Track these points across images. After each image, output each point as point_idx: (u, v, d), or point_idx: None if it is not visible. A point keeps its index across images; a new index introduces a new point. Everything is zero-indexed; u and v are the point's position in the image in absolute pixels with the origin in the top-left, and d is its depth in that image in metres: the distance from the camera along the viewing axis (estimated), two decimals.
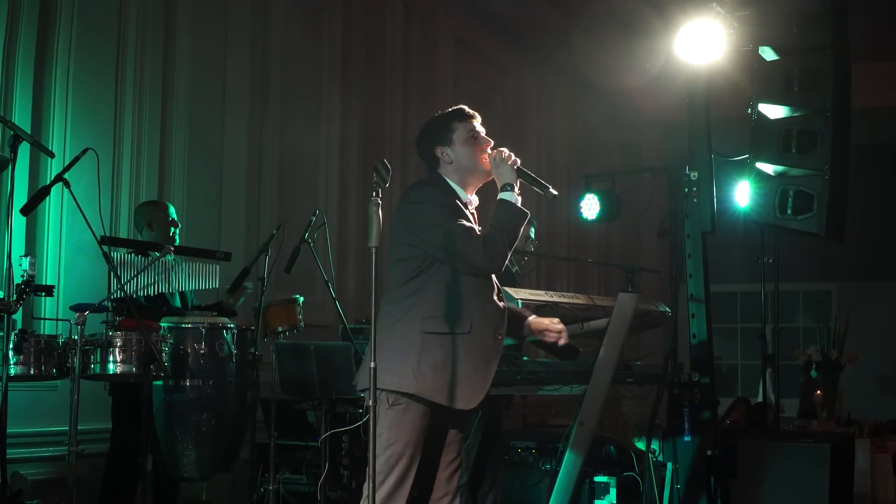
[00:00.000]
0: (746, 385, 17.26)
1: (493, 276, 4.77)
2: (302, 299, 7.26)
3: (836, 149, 6.86)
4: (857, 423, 11.30)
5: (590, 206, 8.64)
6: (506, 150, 4.80)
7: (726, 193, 7.94)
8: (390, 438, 4.57)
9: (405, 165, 10.83)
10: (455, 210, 4.69)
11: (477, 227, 4.79)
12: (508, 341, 5.01)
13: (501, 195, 4.74)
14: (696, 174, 7.21)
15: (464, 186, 4.85)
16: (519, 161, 4.80)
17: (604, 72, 13.53)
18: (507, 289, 5.55)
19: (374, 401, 4.38)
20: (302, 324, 7.21)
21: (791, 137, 6.93)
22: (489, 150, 4.84)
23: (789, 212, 6.98)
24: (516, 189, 4.74)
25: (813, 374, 12.14)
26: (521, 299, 5.66)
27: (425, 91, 11.38)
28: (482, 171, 4.87)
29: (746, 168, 7.26)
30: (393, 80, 10.94)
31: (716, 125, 7.39)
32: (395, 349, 4.55)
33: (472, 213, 4.88)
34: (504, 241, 4.61)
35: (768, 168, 7.11)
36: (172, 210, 7.12)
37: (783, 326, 11.67)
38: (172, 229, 6.99)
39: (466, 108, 4.92)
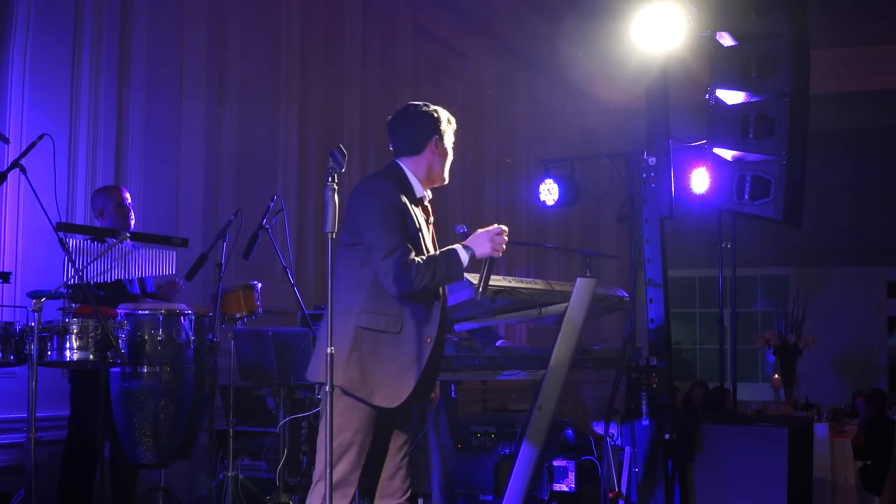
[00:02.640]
0: (704, 369, 17.37)
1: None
2: (260, 285, 7.24)
3: (794, 134, 6.91)
4: (816, 407, 11.40)
5: (549, 192, 8.66)
6: (506, 232, 4.82)
7: (684, 179, 7.98)
8: (339, 425, 4.58)
9: (364, 151, 10.82)
10: (401, 213, 4.67)
11: (430, 221, 4.81)
12: None
13: (460, 248, 4.75)
14: (654, 159, 7.24)
15: (423, 183, 4.85)
16: (501, 253, 4.79)
17: (562, 57, 13.55)
18: (466, 274, 5.57)
19: (331, 387, 4.39)
20: (260, 310, 7.19)
21: (748, 123, 6.97)
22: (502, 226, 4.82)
23: (746, 197, 7.03)
24: (474, 258, 4.74)
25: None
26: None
27: (384, 77, 11.36)
28: (442, 180, 4.93)
29: (704, 153, 7.30)
30: (352, 66, 10.91)
31: (674, 111, 7.42)
32: (336, 341, 4.51)
33: (426, 207, 4.88)
34: (425, 279, 4.59)
35: (726, 153, 7.16)
36: (126, 194, 7.07)
37: (741, 311, 11.76)
38: (127, 213, 6.95)
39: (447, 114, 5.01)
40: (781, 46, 6.90)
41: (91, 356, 5.83)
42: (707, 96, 7.17)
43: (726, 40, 7.12)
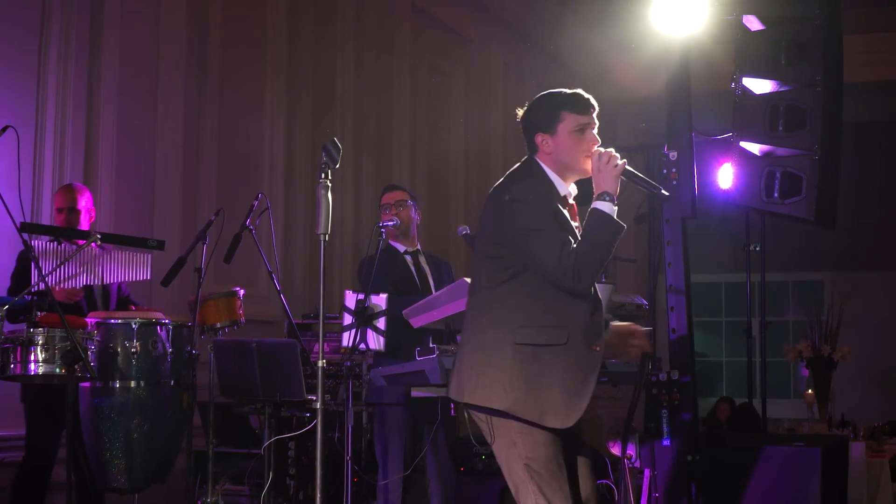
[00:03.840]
0: (731, 384, 17.35)
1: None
2: (243, 292, 7.23)
3: (827, 126, 6.89)
4: (852, 424, 11.37)
5: None
6: (613, 152, 4.58)
7: (708, 175, 7.96)
8: (522, 457, 4.52)
9: (358, 144, 10.82)
10: (552, 213, 4.54)
11: (575, 225, 4.68)
12: None
13: (596, 204, 4.54)
14: (675, 154, 7.23)
15: (563, 178, 4.73)
16: (625, 164, 4.58)
17: (576, 42, 13.55)
18: (467, 279, 5.54)
19: (321, 402, 4.39)
20: (243, 319, 7.19)
21: (778, 114, 6.94)
22: (595, 149, 4.62)
23: (776, 195, 7.00)
24: (615, 198, 4.59)
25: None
26: None
27: (380, 64, 11.36)
28: (581, 172, 4.68)
29: (729, 147, 7.28)
30: (344, 53, 10.90)
31: (697, 101, 7.41)
32: (485, 361, 4.45)
33: (572, 205, 4.76)
34: (594, 259, 4.45)
35: (753, 147, 7.14)
36: (80, 196, 6.98)
37: (771, 320, 11.72)
38: (77, 220, 6.88)
39: (583, 95, 4.70)
40: (813, 31, 6.88)
41: (58, 370, 5.79)
42: (733, 85, 7.15)
43: (753, 24, 7.10)
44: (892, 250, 16.76)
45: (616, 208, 4.50)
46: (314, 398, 4.50)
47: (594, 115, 4.66)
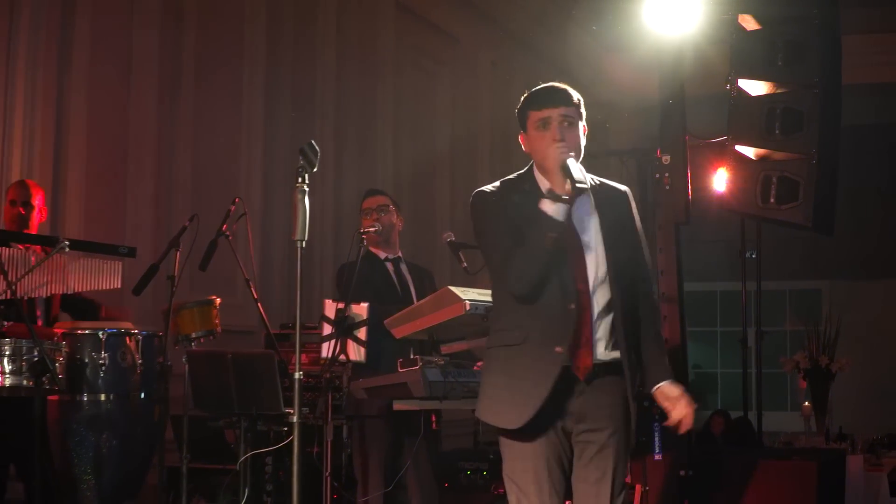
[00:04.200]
0: (726, 396, 17.36)
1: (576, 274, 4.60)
2: (219, 301, 7.20)
3: (825, 130, 6.90)
4: (850, 437, 11.37)
5: None
6: (557, 147, 4.46)
7: (702, 180, 7.96)
8: (506, 471, 4.54)
9: (339, 147, 10.79)
10: (504, 213, 4.52)
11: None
12: None
13: (541, 202, 4.47)
14: (668, 158, 7.23)
15: (544, 175, 4.66)
16: (562, 159, 4.41)
17: (566, 42, 13.54)
18: (451, 288, 5.53)
19: (298, 414, 4.36)
20: (219, 329, 7.15)
21: (774, 117, 6.96)
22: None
23: (772, 200, 7.01)
24: (562, 195, 4.51)
25: None
26: (469, 300, 5.63)
27: (362, 64, 11.33)
28: (550, 168, 4.55)
29: (724, 151, 7.28)
30: (325, 52, 10.87)
31: (691, 103, 7.41)
32: None
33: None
34: (528, 262, 4.40)
35: (749, 151, 7.14)
36: (30, 190, 6.93)
37: (767, 330, 11.73)
38: (15, 218, 6.84)
39: (542, 90, 4.67)
40: (811, 31, 6.90)
41: (25, 382, 5.77)
42: (728, 87, 7.15)
43: (749, 23, 7.11)
44: (892, 258, 16.79)
45: (562, 207, 4.39)
46: (292, 411, 4.46)
47: (564, 108, 4.58)
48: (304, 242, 4.41)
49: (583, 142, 4.58)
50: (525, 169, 4.71)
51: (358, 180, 10.65)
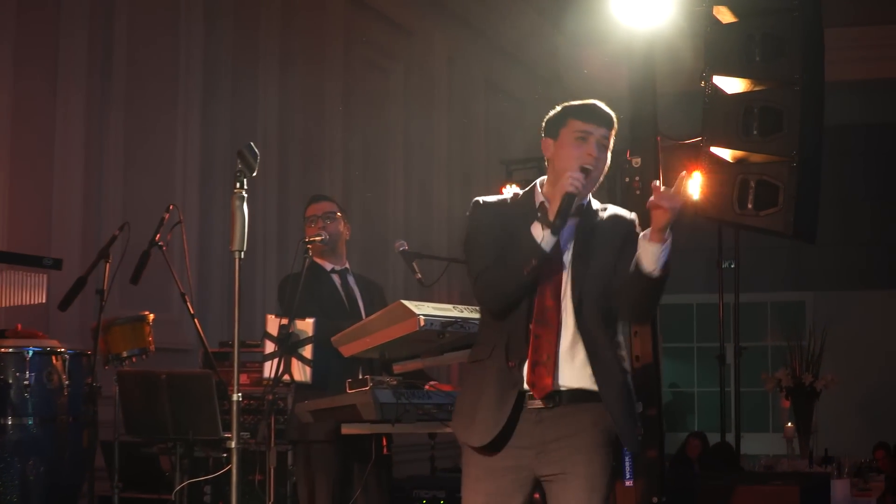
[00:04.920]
0: (703, 417, 17.42)
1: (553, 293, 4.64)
2: (153, 316, 7.18)
3: (807, 130, 6.92)
4: (836, 461, 11.43)
5: None
6: (574, 174, 4.50)
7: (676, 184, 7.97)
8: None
9: (283, 151, 10.76)
10: (490, 228, 4.63)
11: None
12: None
13: (533, 225, 4.52)
14: (639, 160, 7.25)
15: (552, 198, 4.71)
16: (568, 190, 4.46)
17: (529, 35, 13.56)
18: (404, 302, 5.53)
19: (237, 440, 4.34)
20: (152, 347, 7.13)
21: (752, 116, 6.97)
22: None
23: (750, 206, 7.02)
24: (556, 226, 4.53)
25: None
26: (424, 315, 5.63)
27: (309, 60, 11.32)
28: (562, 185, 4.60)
29: (699, 153, 7.30)
30: (268, 47, 10.86)
31: (663, 102, 7.43)
32: None
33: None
34: (502, 285, 4.52)
35: (725, 153, 7.16)
36: None
37: (746, 346, 11.78)
38: None
39: (594, 106, 4.72)
40: (791, 24, 6.92)
41: None
42: (702, 84, 7.17)
43: (725, 16, 7.13)
44: (880, 267, 16.88)
45: (551, 237, 4.44)
46: (231, 436, 4.45)
47: (606, 130, 4.69)
48: (242, 253, 4.42)
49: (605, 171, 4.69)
50: (528, 187, 4.79)
51: (303, 185, 10.65)
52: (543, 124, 4.75)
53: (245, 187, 4.46)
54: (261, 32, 10.79)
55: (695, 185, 7.75)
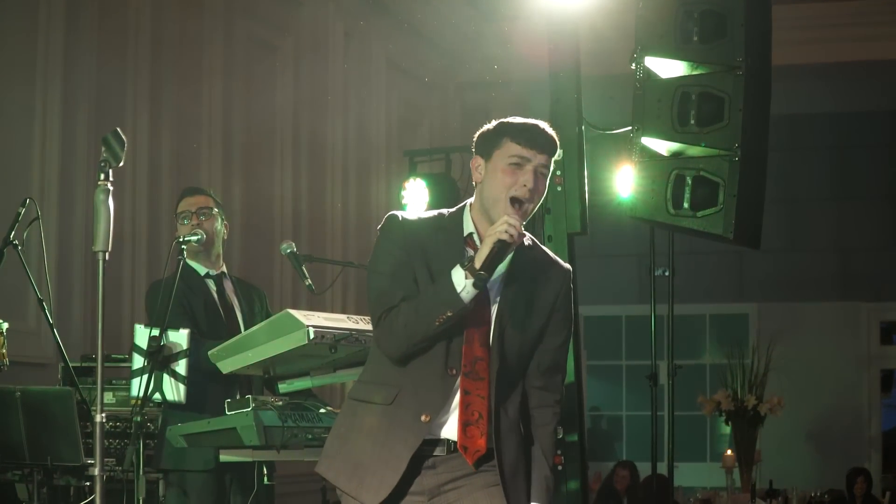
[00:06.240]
0: (633, 444, 17.55)
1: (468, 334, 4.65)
2: (6, 326, 7.15)
3: (751, 120, 7.00)
4: (782, 494, 11.58)
5: (415, 195, 8.68)
6: (510, 222, 4.46)
7: (602, 181, 8.04)
8: None
9: (155, 138, 10.72)
10: (404, 256, 4.59)
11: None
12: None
13: (454, 269, 4.50)
14: (560, 153, 7.29)
15: (483, 214, 4.69)
16: (500, 239, 4.43)
17: (435, 7, 13.61)
18: (291, 311, 5.56)
19: (101, 469, 4.35)
20: (6, 361, 7.10)
21: (689, 104, 7.04)
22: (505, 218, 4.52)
23: (686, 206, 7.09)
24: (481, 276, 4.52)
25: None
26: (314, 327, 5.66)
27: (182, 39, 11.26)
28: (495, 215, 4.60)
29: (630, 145, 7.36)
30: (139, 22, 10.81)
31: (588, 86, 7.49)
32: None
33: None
34: (408, 329, 4.49)
35: (658, 145, 7.22)
36: None
37: (682, 364, 11.88)
38: None
39: (539, 129, 4.66)
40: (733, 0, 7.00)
41: None
42: (633, 66, 7.23)
43: None
44: (832, 276, 17.07)
45: (474, 291, 4.42)
46: (93, 463, 4.46)
47: (547, 158, 4.64)
48: (107, 254, 4.42)
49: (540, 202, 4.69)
50: (456, 208, 4.76)
51: (177, 176, 10.61)
52: (475, 138, 4.73)
53: (111, 179, 4.46)
54: (129, 4, 10.75)
55: (624, 181, 7.83)
